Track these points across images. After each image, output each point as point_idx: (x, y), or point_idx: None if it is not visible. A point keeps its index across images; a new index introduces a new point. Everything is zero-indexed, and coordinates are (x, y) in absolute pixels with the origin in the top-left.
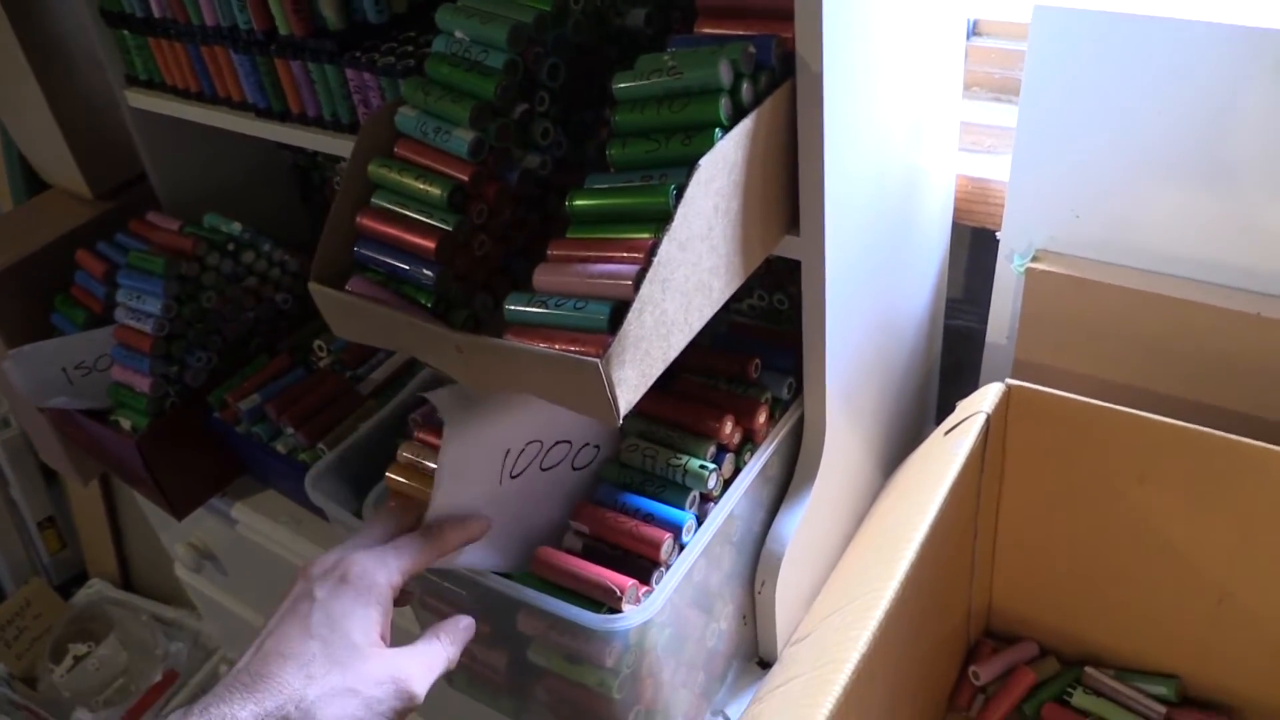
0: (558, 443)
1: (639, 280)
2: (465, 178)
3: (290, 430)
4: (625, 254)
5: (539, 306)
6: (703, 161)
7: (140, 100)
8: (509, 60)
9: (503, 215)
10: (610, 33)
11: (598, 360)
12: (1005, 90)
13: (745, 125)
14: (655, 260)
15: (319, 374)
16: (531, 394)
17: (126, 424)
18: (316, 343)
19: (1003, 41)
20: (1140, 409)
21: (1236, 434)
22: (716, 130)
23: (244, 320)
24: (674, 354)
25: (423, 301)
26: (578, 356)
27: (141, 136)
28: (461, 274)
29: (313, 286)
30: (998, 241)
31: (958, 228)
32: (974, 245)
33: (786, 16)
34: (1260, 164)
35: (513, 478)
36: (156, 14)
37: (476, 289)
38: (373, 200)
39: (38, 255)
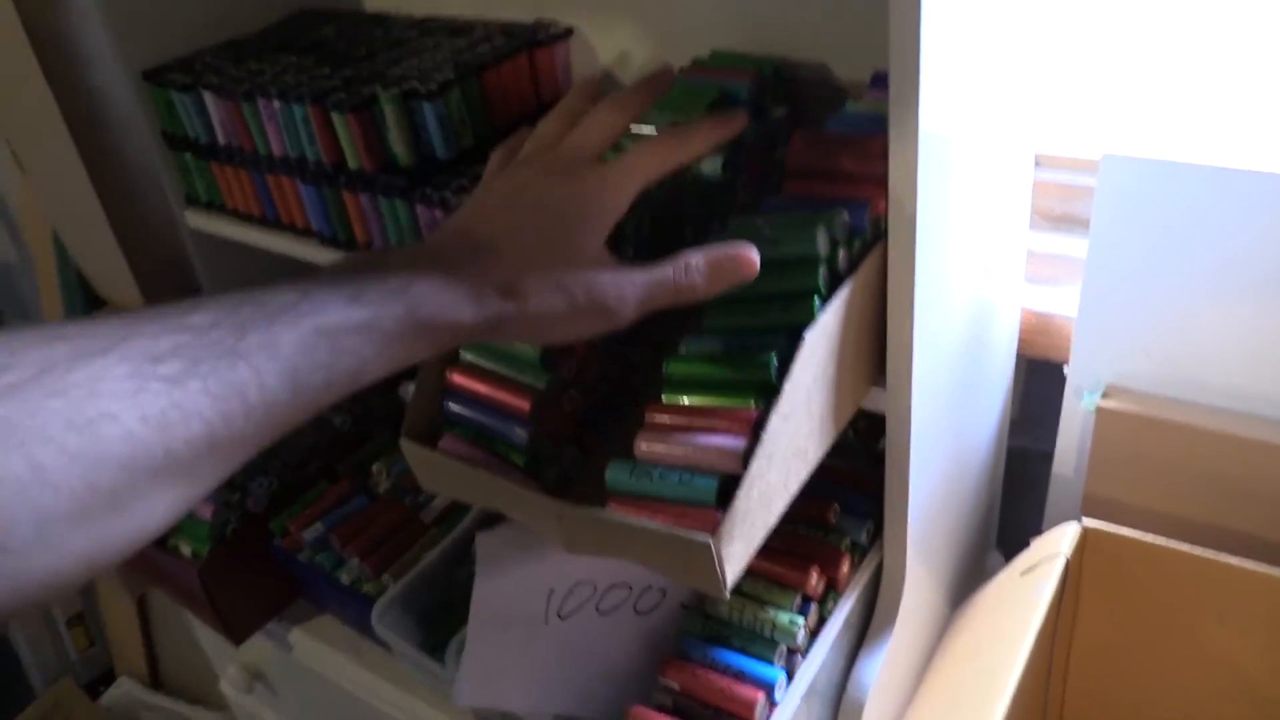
0: (613, 586)
1: (747, 455)
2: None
3: (355, 561)
4: (729, 425)
5: (643, 478)
6: (807, 336)
7: (199, 221)
8: None
9: (590, 370)
10: (686, 181)
11: (709, 539)
12: (1065, 221)
13: (842, 294)
14: (763, 436)
15: (381, 500)
16: (635, 563)
17: (187, 550)
18: (375, 465)
19: (1063, 174)
20: (1215, 548)
21: None
22: (815, 299)
23: (303, 444)
24: (775, 521)
25: (515, 460)
26: (689, 535)
27: (199, 256)
28: (551, 430)
29: (404, 443)
30: (1059, 370)
31: (1018, 357)
32: (1029, 372)
33: (873, 180)
34: None
35: (561, 618)
36: (221, 141)
37: (565, 443)
38: (463, 355)
39: None
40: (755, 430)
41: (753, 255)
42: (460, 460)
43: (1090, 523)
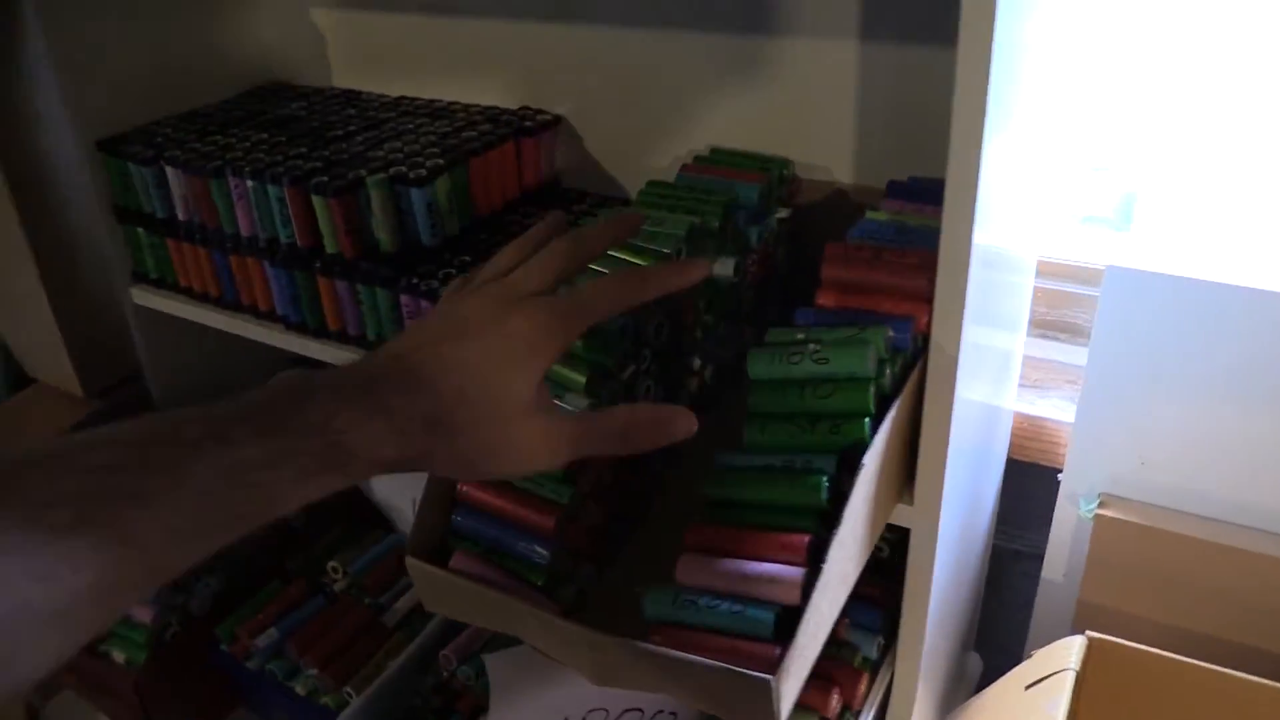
0: (626, 710)
1: (807, 586)
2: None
3: (313, 671)
4: (782, 552)
5: (688, 607)
6: (866, 461)
7: (148, 299)
8: (624, 324)
9: (608, 481)
10: (699, 284)
11: (771, 679)
12: (1054, 328)
13: (892, 414)
14: (825, 567)
15: (340, 602)
16: (675, 698)
17: (120, 656)
18: (332, 564)
19: (1053, 282)
20: (1214, 660)
21: None
22: (866, 421)
23: (250, 540)
24: (819, 649)
25: (533, 579)
26: (748, 673)
27: (142, 335)
28: (570, 546)
29: (411, 563)
30: (1044, 473)
31: (1007, 460)
32: (1014, 474)
33: (911, 294)
34: None
35: None
36: (182, 216)
37: (582, 560)
38: None
39: None
40: (818, 562)
41: (693, 423)
42: (475, 581)
43: (1095, 635)
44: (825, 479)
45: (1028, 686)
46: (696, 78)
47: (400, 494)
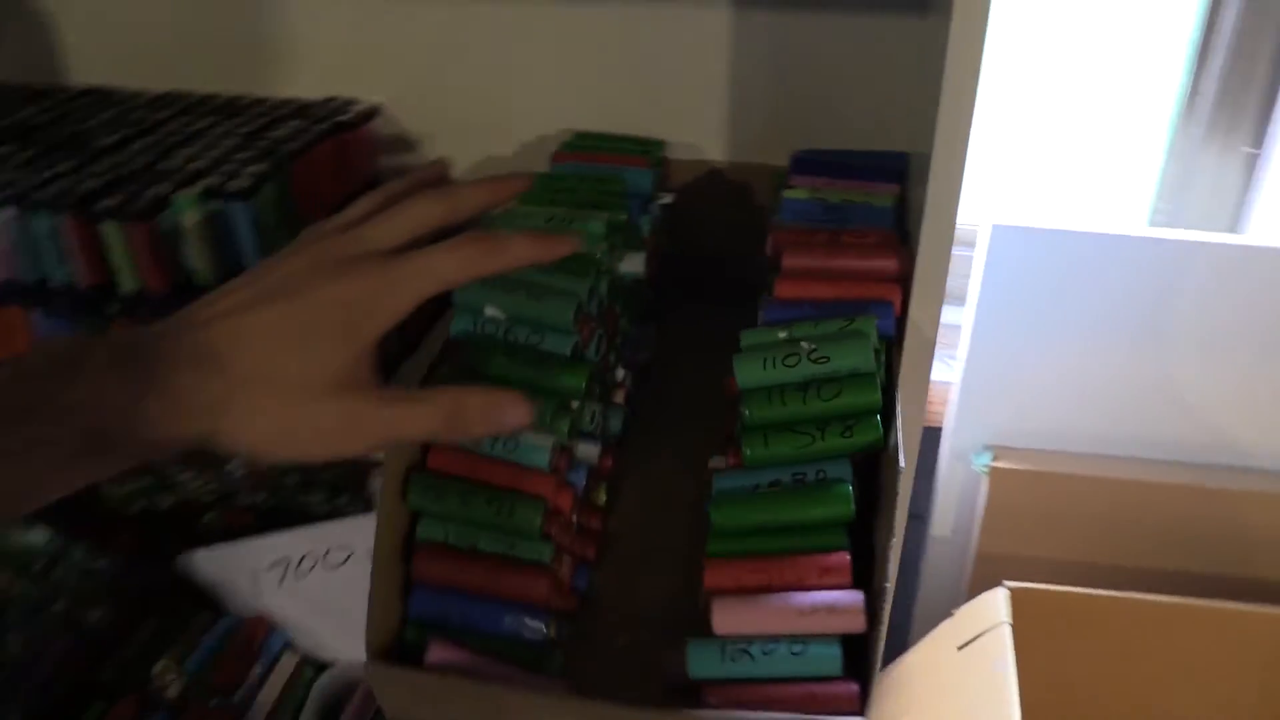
0: None
1: (873, 610)
2: (550, 493)
3: None
4: (824, 577)
5: (739, 659)
6: (903, 461)
7: None
8: (574, 343)
9: (572, 528)
10: (611, 283)
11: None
12: None
13: (899, 405)
14: (887, 584)
15: (188, 713)
16: None
17: None
18: (158, 666)
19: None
20: (1122, 588)
21: (1205, 596)
22: (878, 418)
23: (48, 656)
24: None
25: (523, 657)
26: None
27: None
28: (555, 608)
29: (371, 669)
30: (933, 436)
31: None
32: None
33: (878, 278)
34: (1194, 356)
35: None
36: None
37: (562, 619)
38: (420, 534)
39: None
40: (878, 584)
41: (527, 411)
42: (463, 677)
43: (1016, 585)
44: (849, 488)
45: (960, 647)
46: (540, 54)
47: (230, 567)
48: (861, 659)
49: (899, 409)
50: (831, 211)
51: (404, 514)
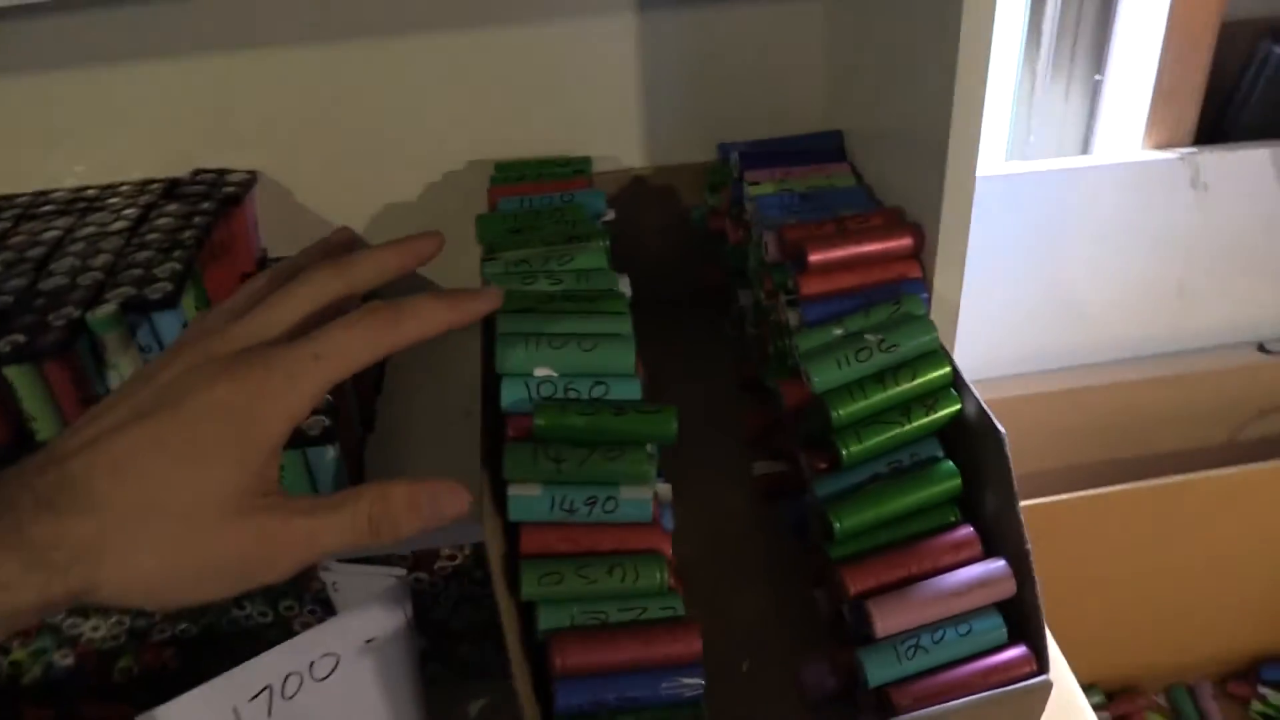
0: None
1: (1021, 572)
2: (660, 544)
3: None
4: (959, 554)
5: (915, 654)
6: (1001, 429)
7: None
8: (642, 385)
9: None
10: None
11: (1047, 677)
12: None
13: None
14: (1028, 549)
15: None
16: None
17: None
18: None
19: None
20: (1066, 490)
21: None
22: (952, 390)
23: None
24: None
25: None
26: (1030, 683)
27: None
28: None
29: None
30: None
31: None
32: None
33: (897, 257)
34: (1086, 275)
35: None
36: None
37: None
38: (543, 624)
39: None
40: (1011, 545)
41: (464, 500)
42: None
43: None
44: (951, 464)
45: None
46: (434, 87)
47: (205, 713)
48: (1020, 622)
49: (963, 378)
50: (807, 200)
51: (514, 608)
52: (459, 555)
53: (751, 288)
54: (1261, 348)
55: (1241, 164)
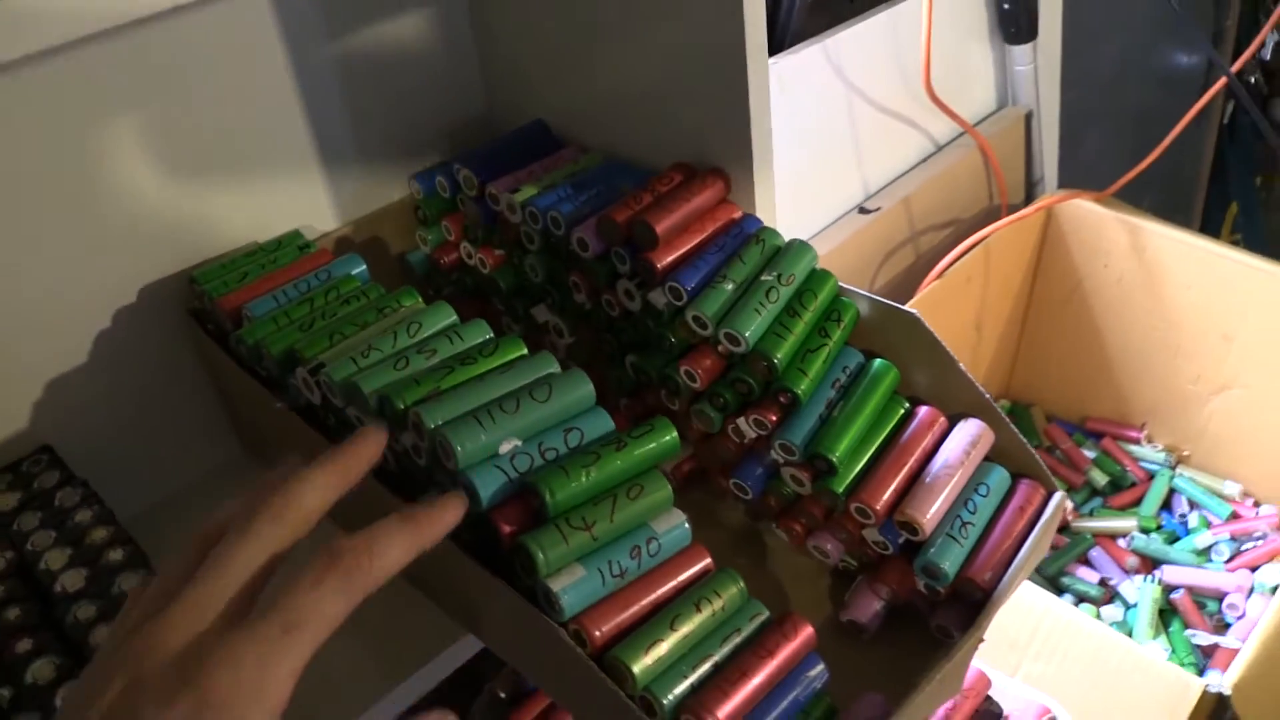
0: None
1: (990, 418)
2: (715, 557)
3: None
4: (935, 434)
5: (965, 530)
6: (915, 310)
7: None
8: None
9: None
10: None
11: (1060, 493)
12: None
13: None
14: (988, 399)
15: None
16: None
17: None
18: None
19: None
20: None
21: None
22: (841, 298)
23: None
24: None
25: (816, 713)
26: (1053, 506)
27: None
28: None
29: None
30: None
31: None
32: None
33: (718, 204)
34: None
35: None
36: None
37: None
38: (666, 698)
39: None
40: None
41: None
42: None
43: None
44: (886, 361)
45: None
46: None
47: None
48: (1013, 460)
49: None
50: (581, 189)
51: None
52: None
53: (544, 299)
54: (861, 209)
55: (804, 64)
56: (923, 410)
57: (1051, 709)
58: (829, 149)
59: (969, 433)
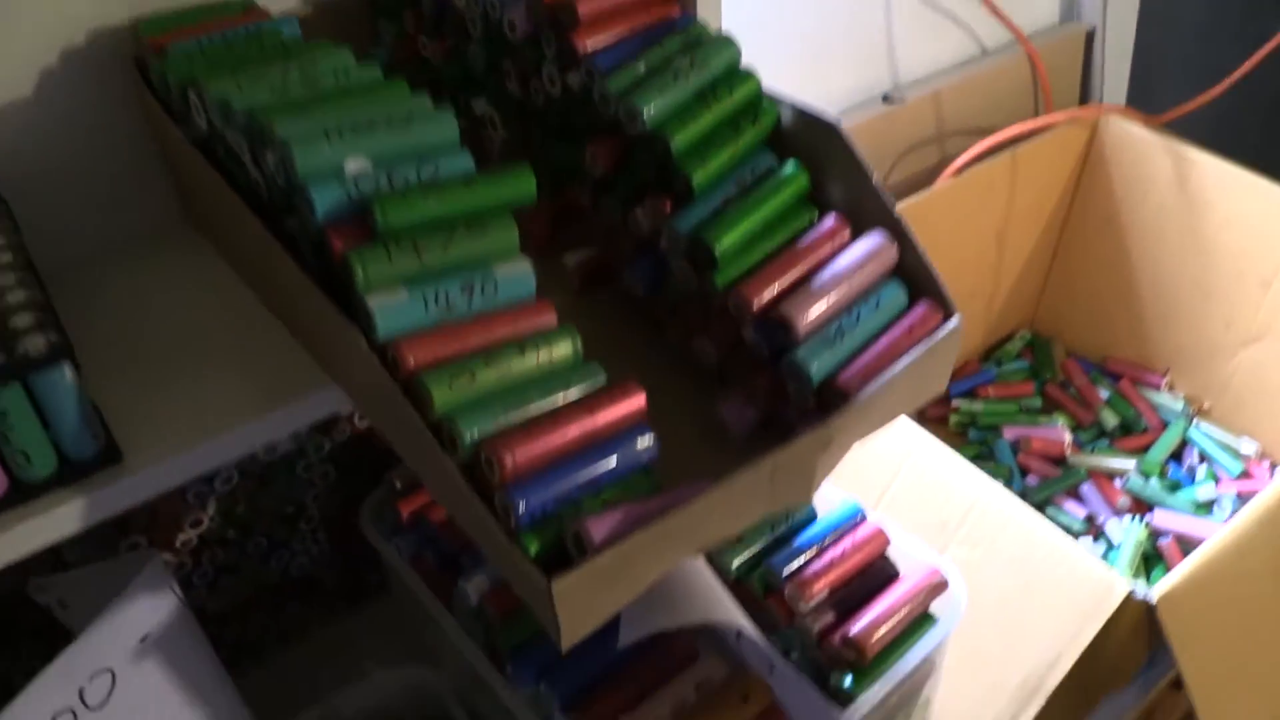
0: None
1: (897, 236)
2: (554, 318)
3: None
4: (835, 241)
5: (843, 338)
6: (838, 121)
7: None
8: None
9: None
10: None
11: (957, 317)
12: None
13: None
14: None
15: None
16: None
17: None
18: None
19: None
20: None
21: None
22: (764, 98)
23: None
24: None
25: (644, 487)
26: (947, 329)
27: None
28: None
29: (560, 587)
30: None
31: None
32: None
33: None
34: None
35: None
36: None
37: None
38: (467, 431)
39: None
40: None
41: None
42: (647, 527)
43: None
44: (797, 164)
45: None
46: None
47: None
48: (914, 281)
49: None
50: None
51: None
52: (204, 518)
53: (485, 92)
54: (885, 97)
55: None
56: (829, 219)
57: (941, 572)
58: (858, 27)
59: (869, 245)
